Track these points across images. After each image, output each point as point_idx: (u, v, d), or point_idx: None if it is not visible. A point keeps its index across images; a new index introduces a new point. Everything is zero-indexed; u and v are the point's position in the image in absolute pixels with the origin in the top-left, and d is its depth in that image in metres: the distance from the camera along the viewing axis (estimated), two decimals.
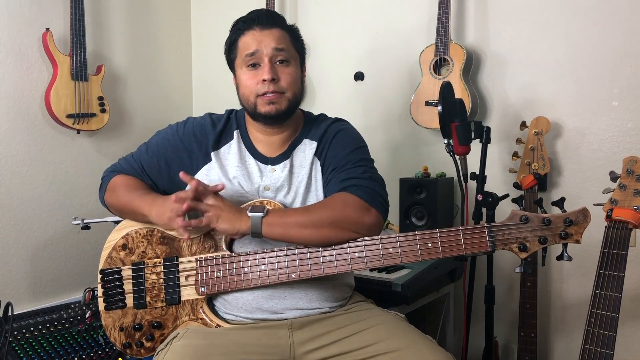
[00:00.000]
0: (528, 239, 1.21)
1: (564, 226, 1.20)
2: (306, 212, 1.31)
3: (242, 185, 1.40)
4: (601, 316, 1.21)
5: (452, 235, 1.23)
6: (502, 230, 1.22)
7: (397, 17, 2.40)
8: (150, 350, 1.40)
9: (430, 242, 1.23)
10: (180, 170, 1.41)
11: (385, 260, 1.25)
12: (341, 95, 2.57)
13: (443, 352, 1.27)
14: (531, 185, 1.94)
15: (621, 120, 1.96)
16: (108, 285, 1.41)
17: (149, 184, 1.48)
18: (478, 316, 2.11)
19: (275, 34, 1.38)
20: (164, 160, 1.46)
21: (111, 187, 1.47)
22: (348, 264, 1.27)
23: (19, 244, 2.25)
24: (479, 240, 1.22)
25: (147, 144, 1.51)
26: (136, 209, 1.39)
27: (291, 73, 1.39)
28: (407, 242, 1.24)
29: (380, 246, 1.26)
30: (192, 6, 3.03)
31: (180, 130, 1.47)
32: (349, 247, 1.27)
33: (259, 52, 1.36)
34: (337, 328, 1.34)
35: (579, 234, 1.21)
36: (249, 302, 1.35)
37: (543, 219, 1.21)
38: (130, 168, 1.49)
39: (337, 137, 1.44)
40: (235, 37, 1.42)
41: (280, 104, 1.37)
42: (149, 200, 1.37)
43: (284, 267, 1.30)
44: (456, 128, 1.74)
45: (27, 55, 2.26)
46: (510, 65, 2.16)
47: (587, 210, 1.21)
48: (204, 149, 1.44)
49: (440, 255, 1.23)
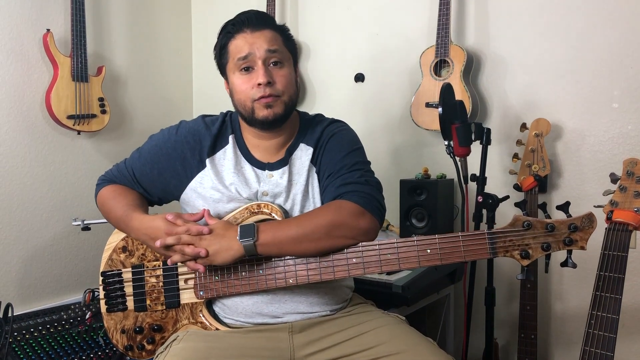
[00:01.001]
0: (530, 245, 1.17)
1: (568, 232, 1.16)
2: (300, 224, 1.26)
3: (240, 191, 1.37)
4: (601, 318, 1.21)
5: (452, 242, 1.20)
6: (504, 236, 1.18)
7: (398, 18, 2.41)
8: (151, 352, 1.40)
9: (429, 248, 1.21)
10: (173, 179, 1.41)
11: (383, 267, 1.23)
12: (341, 97, 2.57)
13: (444, 355, 1.27)
14: (531, 186, 1.94)
15: (621, 122, 1.96)
16: (109, 287, 1.41)
17: (139, 192, 1.46)
18: (478, 318, 2.11)
19: (267, 35, 1.34)
20: (156, 169, 1.42)
21: (100, 201, 1.47)
22: (346, 270, 1.25)
23: (19, 245, 2.25)
24: (479, 247, 1.19)
25: (139, 150, 1.47)
26: (124, 229, 1.39)
27: (286, 75, 1.35)
28: (406, 249, 1.22)
29: (379, 252, 1.24)
30: (193, 7, 3.03)
31: (173, 136, 1.43)
32: (347, 254, 1.26)
33: (251, 55, 1.32)
34: (337, 331, 1.34)
35: (584, 240, 1.16)
36: (248, 307, 1.34)
37: (546, 225, 1.16)
38: (121, 177, 1.47)
39: (331, 141, 1.40)
40: (225, 41, 1.37)
41: (278, 108, 1.33)
42: (134, 228, 1.35)
43: (282, 272, 1.29)
44: (456, 129, 1.74)
45: (28, 56, 2.26)
46: (510, 67, 2.16)
47: (592, 215, 1.16)
48: (197, 155, 1.39)
49: (439, 262, 1.20)
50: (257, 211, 1.35)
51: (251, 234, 1.23)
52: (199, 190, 1.39)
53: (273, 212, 1.34)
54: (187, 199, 1.42)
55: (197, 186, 1.39)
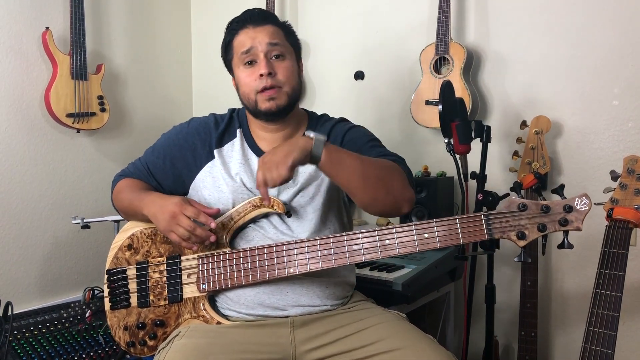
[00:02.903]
0: (526, 226, 1.17)
1: (563, 213, 1.15)
2: (361, 160, 1.25)
3: (245, 182, 1.40)
4: (602, 315, 1.21)
5: (449, 225, 1.20)
6: (500, 218, 1.18)
7: (397, 16, 2.40)
8: (153, 348, 1.40)
9: (426, 232, 1.21)
10: (184, 169, 1.46)
11: (382, 252, 1.23)
12: (341, 94, 2.56)
13: (444, 352, 1.27)
14: (532, 184, 1.94)
15: (622, 119, 1.96)
16: (113, 285, 1.42)
17: (153, 185, 1.50)
18: (478, 315, 2.11)
19: (269, 29, 1.40)
20: (169, 160, 1.48)
21: (116, 191, 1.51)
22: (345, 257, 1.26)
23: (19, 243, 2.25)
24: (476, 229, 1.19)
25: (153, 146, 1.54)
26: (136, 209, 1.41)
27: (287, 67, 1.40)
28: (404, 234, 1.22)
29: (377, 238, 1.24)
30: (192, 6, 3.03)
31: (184, 129, 1.50)
32: (346, 240, 1.26)
33: (253, 48, 1.38)
34: (338, 327, 1.34)
35: (580, 220, 1.15)
36: (250, 298, 1.35)
37: (541, 206, 1.16)
38: (136, 171, 1.52)
39: (349, 133, 1.45)
40: (230, 38, 1.44)
41: (280, 99, 1.38)
42: (148, 201, 1.38)
43: (283, 262, 1.30)
44: (456, 127, 1.74)
45: (27, 55, 2.26)
46: (510, 64, 2.16)
47: (587, 196, 1.16)
48: (207, 147, 1.45)
49: (437, 245, 1.20)
50: (259, 205, 1.36)
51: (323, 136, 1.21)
52: (206, 181, 1.43)
53: (275, 205, 1.35)
54: (195, 188, 1.46)
55: (206, 176, 1.44)
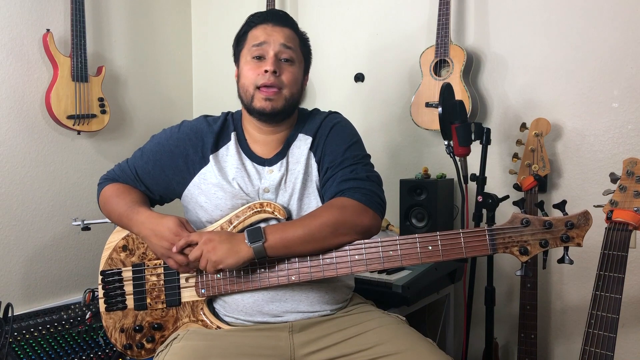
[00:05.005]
0: (529, 242, 1.21)
1: (565, 229, 1.19)
2: (306, 225, 1.27)
3: (242, 186, 1.38)
4: (601, 317, 1.21)
5: (453, 238, 1.22)
6: (503, 233, 1.21)
7: (398, 18, 2.41)
8: (150, 351, 1.40)
9: (430, 244, 1.23)
10: (176, 176, 1.43)
11: (385, 263, 1.25)
12: (341, 96, 2.57)
13: (443, 355, 1.27)
14: (531, 186, 1.94)
15: (621, 121, 1.97)
16: (108, 286, 1.41)
17: (142, 190, 1.47)
18: (478, 318, 2.11)
19: (286, 32, 1.39)
20: (159, 167, 1.44)
21: (103, 199, 1.47)
22: (348, 267, 1.27)
23: (19, 245, 2.25)
24: (479, 244, 1.21)
25: (142, 149, 1.50)
26: (126, 226, 1.40)
27: (294, 72, 1.39)
28: (408, 245, 1.24)
29: (381, 249, 1.25)
30: (193, 7, 3.03)
31: (175, 134, 1.45)
32: (349, 250, 1.27)
33: (266, 44, 1.36)
34: (337, 330, 1.34)
35: (581, 237, 1.19)
36: (249, 305, 1.35)
37: (544, 222, 1.20)
38: (123, 175, 1.48)
39: (332, 132, 1.43)
40: (246, 30, 1.42)
41: (277, 102, 1.36)
42: (138, 222, 1.35)
43: (284, 269, 1.30)
44: (456, 129, 1.74)
45: (28, 56, 2.26)
46: (510, 67, 2.16)
47: (588, 213, 1.20)
48: (200, 152, 1.42)
49: (440, 258, 1.23)
50: (260, 210, 1.35)
51: (260, 235, 1.25)
52: (202, 187, 1.40)
53: (276, 211, 1.34)
54: (189, 195, 1.43)
55: (201, 182, 1.40)
